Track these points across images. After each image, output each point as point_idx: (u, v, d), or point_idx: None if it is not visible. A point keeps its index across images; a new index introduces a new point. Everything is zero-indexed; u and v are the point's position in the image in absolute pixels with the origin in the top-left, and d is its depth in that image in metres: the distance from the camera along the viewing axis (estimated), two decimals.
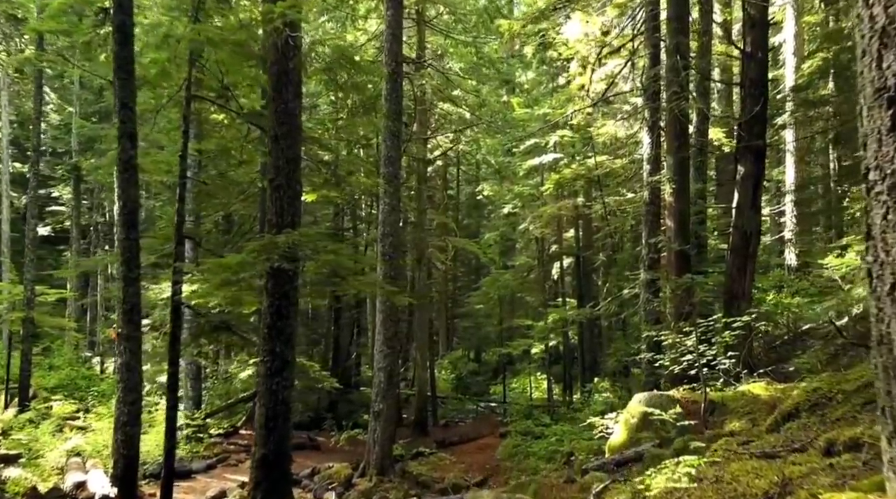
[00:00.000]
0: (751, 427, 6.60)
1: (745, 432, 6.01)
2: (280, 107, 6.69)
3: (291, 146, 6.76)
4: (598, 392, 20.95)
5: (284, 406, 6.45)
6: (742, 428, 6.75)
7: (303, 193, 9.79)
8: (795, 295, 19.65)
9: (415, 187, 20.44)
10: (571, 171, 19.31)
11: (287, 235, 6.18)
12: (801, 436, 4.47)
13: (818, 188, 22.34)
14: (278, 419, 6.39)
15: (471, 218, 40.05)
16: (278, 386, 6.43)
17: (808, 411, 5.19)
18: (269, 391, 6.41)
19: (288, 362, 6.52)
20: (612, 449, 8.27)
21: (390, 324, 13.52)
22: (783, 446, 4.19)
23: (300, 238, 6.20)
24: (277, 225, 6.53)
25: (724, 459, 4.12)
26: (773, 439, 4.59)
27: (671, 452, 6.55)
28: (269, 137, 6.73)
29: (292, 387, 6.64)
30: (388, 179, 13.64)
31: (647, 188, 12.84)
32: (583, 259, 22.85)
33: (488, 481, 14.75)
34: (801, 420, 5.02)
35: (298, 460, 15.86)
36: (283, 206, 6.63)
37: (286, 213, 6.62)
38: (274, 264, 6.33)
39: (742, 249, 11.42)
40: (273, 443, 6.30)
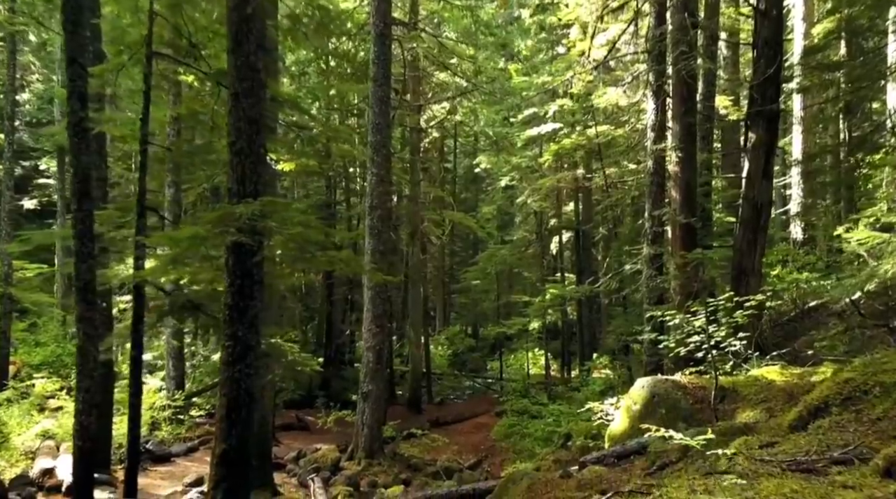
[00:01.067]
0: (767, 419, 5.93)
1: (763, 428, 5.35)
2: (240, 60, 5.90)
3: (254, 105, 5.99)
4: (597, 369, 20.40)
5: (248, 396, 5.78)
6: (757, 419, 6.09)
7: (270, 157, 9.05)
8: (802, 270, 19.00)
9: (408, 159, 19.64)
10: (571, 141, 18.50)
11: (246, 204, 5.45)
12: (837, 439, 3.79)
13: (827, 159, 21.50)
14: (241, 411, 5.72)
15: (468, 192, 39.25)
16: (241, 374, 5.76)
17: (839, 405, 4.52)
18: (230, 380, 5.74)
19: (251, 348, 5.83)
20: (613, 438, 7.63)
21: (379, 301, 12.86)
22: (818, 453, 3.52)
23: (262, 208, 5.47)
24: (238, 194, 5.80)
25: (752, 472, 3.44)
26: (802, 441, 3.91)
27: (679, 447, 5.90)
28: (229, 95, 5.97)
29: (257, 374, 5.95)
30: (376, 147, 12.87)
31: (650, 157, 12.06)
32: (582, 233, 22.12)
33: (482, 463, 14.22)
34: (833, 417, 4.34)
35: (286, 441, 15.34)
36: (245, 172, 5.89)
37: (248, 180, 5.88)
38: (233, 239, 5.61)
39: (752, 222, 10.68)
40: (235, 437, 5.64)
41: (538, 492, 6.19)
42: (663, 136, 11.94)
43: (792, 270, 19.09)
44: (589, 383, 16.58)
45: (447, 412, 18.74)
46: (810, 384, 6.51)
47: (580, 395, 15.81)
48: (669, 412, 7.11)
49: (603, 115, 20.02)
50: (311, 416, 18.25)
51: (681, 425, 6.96)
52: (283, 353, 8.38)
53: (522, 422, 16.15)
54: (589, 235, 22.61)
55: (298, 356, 8.79)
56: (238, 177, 5.93)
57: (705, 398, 7.13)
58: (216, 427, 5.81)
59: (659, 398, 7.28)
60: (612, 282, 13.34)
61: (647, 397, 7.38)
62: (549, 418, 15.50)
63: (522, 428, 15.54)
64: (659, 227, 11.72)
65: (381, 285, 12.76)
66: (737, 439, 4.40)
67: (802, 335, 12.58)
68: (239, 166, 5.95)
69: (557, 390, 18.03)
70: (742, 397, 6.94)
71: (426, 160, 28.53)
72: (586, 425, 11.92)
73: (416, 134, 19.26)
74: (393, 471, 12.39)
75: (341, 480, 11.30)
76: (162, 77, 9.35)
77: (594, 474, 6.23)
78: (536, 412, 16.71)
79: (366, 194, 13.29)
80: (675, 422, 7.03)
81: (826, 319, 13.14)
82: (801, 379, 6.88)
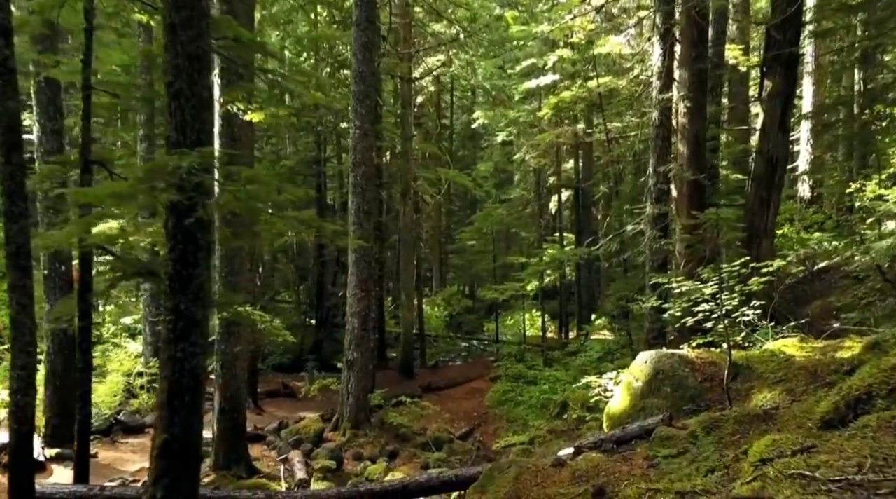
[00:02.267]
0: (790, 404, 5.18)
1: (788, 418, 4.59)
2: None
3: (195, 39, 5.07)
4: (596, 331, 19.75)
5: (193, 379, 5.01)
6: (776, 402, 5.35)
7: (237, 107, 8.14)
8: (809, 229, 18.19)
9: (399, 112, 18.60)
10: (571, 93, 17.44)
11: (181, 155, 4.58)
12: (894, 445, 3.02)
13: (840, 113, 20.43)
14: (185, 396, 4.96)
15: (466, 149, 38.14)
16: (184, 353, 4.98)
17: (886, 398, 3.75)
18: (172, 360, 4.97)
19: (197, 323, 5.04)
20: (612, 418, 6.92)
21: (364, 265, 12.07)
22: (875, 469, 2.74)
23: (201, 161, 4.61)
24: (178, 144, 4.92)
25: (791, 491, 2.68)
26: (848, 446, 3.14)
27: (687, 435, 5.17)
28: (164, 27, 5.04)
29: (204, 354, 5.18)
30: (360, 98, 11.90)
31: (656, 108, 11.09)
32: (582, 191, 21.22)
33: (474, 432, 13.62)
34: (880, 413, 3.58)
35: (270, 409, 14.74)
36: (186, 118, 5.00)
37: (189, 128, 4.99)
38: (168, 197, 4.76)
39: (766, 179, 9.83)
40: (179, 425, 4.90)
41: (527, 483, 5.48)
42: (670, 84, 10.96)
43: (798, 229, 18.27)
44: (587, 348, 15.90)
45: (440, 377, 18.13)
46: (836, 361, 5.76)
47: (577, 361, 15.17)
48: (675, 391, 6.38)
49: (604, 67, 18.93)
50: (301, 381, 17.66)
51: (688, 406, 6.25)
52: (253, 322, 7.62)
53: (517, 388, 15.53)
54: (589, 194, 21.73)
55: (270, 325, 8.04)
56: (178, 124, 5.04)
57: (715, 376, 6.39)
58: (156, 415, 5.06)
59: (664, 375, 6.55)
60: (612, 244, 12.51)
61: (651, 374, 6.64)
62: (545, 384, 14.88)
63: (517, 395, 14.94)
64: (664, 184, 10.83)
65: (365, 248, 11.96)
66: (761, 440, 3.63)
67: (813, 300, 11.83)
68: (178, 112, 5.05)
69: (554, 354, 17.37)
70: (757, 375, 6.19)
71: (421, 115, 27.45)
72: (583, 394, 11.28)
73: (408, 85, 18.18)
74: (379, 442, 11.79)
75: (323, 453, 10.68)
76: (113, 15, 8.36)
77: (590, 462, 5.51)
78: (532, 378, 16.09)
79: (349, 149, 12.36)
80: (682, 402, 6.32)
81: (838, 281, 12.35)
82: (823, 354, 6.12)
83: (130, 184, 4.54)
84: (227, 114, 8.99)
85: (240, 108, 8.68)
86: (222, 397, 9.28)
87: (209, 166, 4.86)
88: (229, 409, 9.26)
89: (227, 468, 9.07)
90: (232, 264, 9.23)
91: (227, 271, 9.18)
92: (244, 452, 9.43)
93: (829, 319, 10.00)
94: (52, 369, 10.01)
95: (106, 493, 6.37)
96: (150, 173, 4.65)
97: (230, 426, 9.28)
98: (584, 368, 14.54)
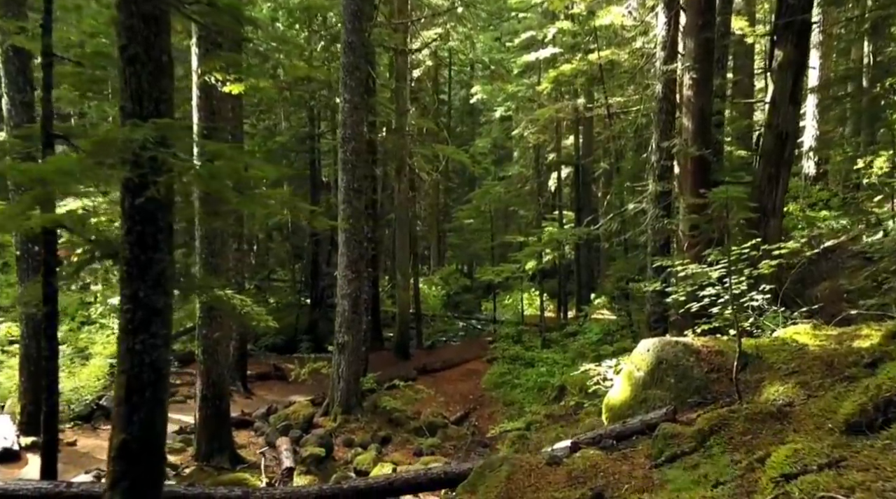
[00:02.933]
0: (805, 399, 4.76)
1: (805, 417, 4.18)
2: None
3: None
4: (595, 310, 19.35)
5: (154, 373, 4.59)
6: (790, 397, 4.92)
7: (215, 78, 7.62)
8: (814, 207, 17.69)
9: (394, 86, 17.99)
10: (571, 67, 16.82)
11: (135, 127, 4.11)
12: None
13: (848, 86, 19.80)
14: (145, 392, 4.54)
15: (464, 125, 37.47)
16: (144, 345, 4.55)
17: None
18: (130, 353, 4.54)
19: (157, 312, 4.60)
20: (612, 409, 6.51)
21: (354, 245, 11.62)
22: None
23: (157, 133, 4.13)
24: (133, 115, 4.43)
25: None
26: (885, 462, 2.71)
27: (693, 433, 4.75)
28: None
29: (168, 346, 4.75)
30: (349, 70, 11.34)
31: (659, 80, 10.55)
32: (582, 168, 20.67)
33: (469, 416, 13.27)
34: None
35: (260, 393, 14.38)
36: (142, 86, 4.51)
37: (147, 97, 4.51)
38: (122, 173, 4.29)
39: (776, 154, 9.33)
40: (138, 425, 4.49)
41: (520, 484, 5.08)
42: (675, 55, 10.41)
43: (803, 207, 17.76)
44: (586, 330, 15.49)
45: (436, 358, 17.76)
46: (854, 352, 5.33)
47: (576, 344, 14.78)
48: (679, 382, 5.96)
49: (605, 40, 18.28)
50: (293, 363, 17.30)
51: (693, 399, 5.83)
52: (232, 307, 7.18)
53: (514, 370, 15.17)
54: (589, 171, 21.19)
55: (252, 309, 7.60)
56: (133, 92, 4.56)
57: (722, 366, 5.97)
58: (114, 412, 4.64)
59: (667, 364, 6.13)
60: (612, 223, 12.04)
61: (653, 363, 6.22)
62: (542, 367, 14.51)
63: (514, 377, 14.57)
64: (667, 161, 10.34)
65: (356, 227, 11.50)
66: (781, 450, 3.21)
67: (821, 281, 11.38)
68: (133, 79, 4.56)
69: (552, 335, 16.98)
70: (768, 366, 5.76)
71: (418, 90, 26.76)
72: (581, 378, 10.89)
73: (402, 57, 17.55)
74: (371, 428, 11.44)
75: (313, 440, 10.31)
76: None
77: (588, 461, 5.11)
78: (529, 359, 15.72)
79: (339, 124, 11.83)
80: (686, 394, 5.90)
81: (847, 262, 11.90)
82: (839, 343, 5.69)
83: (78, 159, 4.07)
84: (206, 85, 8.47)
85: (218, 79, 8.16)
86: (204, 384, 8.88)
87: (166, 140, 4.38)
88: (212, 396, 8.87)
89: (209, 458, 8.71)
90: (212, 245, 8.77)
91: (207, 253, 8.73)
92: (228, 440, 9.06)
93: (840, 303, 9.56)
94: (26, 354, 9.60)
95: (73, 490, 5.98)
96: (99, 147, 4.18)
97: (213, 414, 8.90)
98: (582, 350, 14.16)
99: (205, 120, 8.56)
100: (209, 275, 8.56)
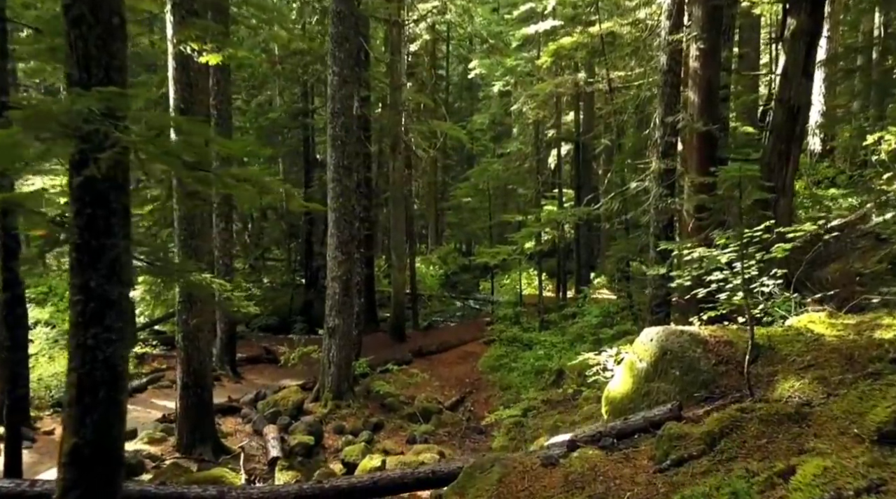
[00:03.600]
0: (825, 398, 4.34)
1: (826, 420, 3.76)
2: None
3: None
4: (595, 289, 18.95)
5: (109, 371, 4.17)
6: (808, 395, 4.51)
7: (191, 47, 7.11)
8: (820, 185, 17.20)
9: (387, 59, 17.39)
10: (572, 40, 16.22)
11: (75, 97, 3.63)
12: None
13: (857, 60, 19.17)
14: (98, 391, 4.12)
15: (463, 100, 36.84)
16: (97, 340, 4.12)
17: None
18: (82, 349, 4.12)
19: (112, 303, 4.17)
20: (612, 403, 6.11)
21: (344, 225, 11.16)
22: None
23: (105, 104, 3.65)
24: (81, 83, 3.94)
25: None
26: None
27: (701, 435, 4.34)
28: None
29: (125, 340, 4.32)
30: (338, 41, 10.79)
31: (665, 51, 9.99)
32: (583, 145, 20.12)
33: (465, 401, 12.91)
34: None
35: (250, 377, 14.02)
36: (90, 51, 4.03)
37: (95, 63, 4.03)
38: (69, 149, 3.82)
39: (787, 129, 8.84)
40: (91, 428, 4.07)
41: (512, 487, 4.69)
42: (681, 25, 9.86)
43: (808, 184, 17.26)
44: (585, 312, 15.09)
45: (432, 340, 17.40)
46: (875, 344, 4.91)
47: (574, 327, 14.38)
48: (685, 375, 5.55)
49: (607, 12, 17.65)
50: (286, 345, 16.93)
51: (700, 393, 5.42)
52: (211, 292, 6.76)
53: (512, 353, 14.81)
54: (589, 148, 20.65)
55: (232, 295, 7.17)
56: (80, 58, 4.06)
57: (731, 358, 5.54)
58: (64, 414, 4.22)
59: (672, 356, 5.70)
60: (613, 202, 11.55)
61: (657, 354, 5.80)
62: (540, 349, 14.14)
63: (511, 360, 14.22)
64: (672, 136, 9.83)
65: (346, 206, 11.03)
66: (807, 467, 2.79)
67: (829, 262, 10.93)
68: (80, 43, 4.07)
69: (551, 316, 16.59)
70: (780, 358, 5.34)
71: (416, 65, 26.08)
72: (580, 365, 10.51)
73: (397, 29, 16.93)
74: (363, 414, 11.08)
75: (302, 427, 9.95)
76: None
77: (587, 463, 4.71)
78: (527, 341, 15.36)
79: (328, 99, 11.30)
80: (692, 388, 5.49)
81: (856, 242, 11.45)
82: (858, 334, 5.26)
83: (12, 132, 3.62)
84: (182, 56, 7.94)
85: (194, 48, 7.65)
86: (184, 372, 8.48)
87: (115, 111, 3.90)
88: (193, 384, 8.47)
89: (192, 449, 8.35)
90: (192, 227, 8.31)
91: (185, 235, 8.27)
92: (211, 430, 8.68)
93: (852, 286, 9.11)
94: None
95: (37, 489, 5.60)
96: (35, 119, 3.70)
97: (194, 403, 8.51)
98: (581, 333, 13.77)
99: (181, 93, 8.05)
100: (188, 258, 8.12)
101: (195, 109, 8.13)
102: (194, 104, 8.16)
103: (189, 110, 8.11)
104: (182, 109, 8.04)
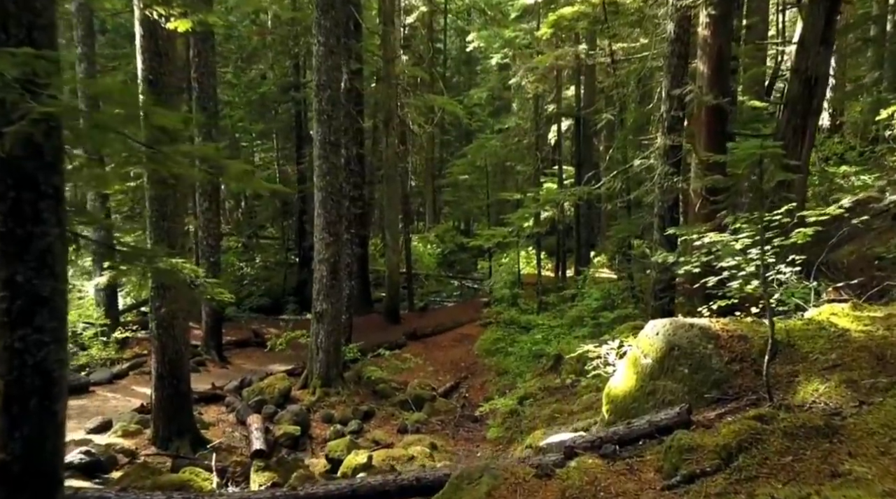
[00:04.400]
0: (857, 406, 3.83)
1: (860, 437, 3.24)
2: None
3: None
4: (595, 268, 18.44)
5: (41, 377, 3.67)
6: (835, 400, 4.00)
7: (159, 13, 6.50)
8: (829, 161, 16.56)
9: (380, 30, 16.67)
10: (572, 10, 15.48)
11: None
12: None
13: (870, 30, 18.44)
14: (29, 401, 3.63)
15: (461, 75, 35.95)
16: (26, 343, 3.62)
17: None
18: (9, 352, 3.62)
19: (43, 300, 3.66)
20: (614, 401, 5.61)
21: (332, 204, 10.62)
22: None
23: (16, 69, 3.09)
24: None
25: None
26: None
27: (716, 448, 3.83)
28: None
29: (61, 342, 3.80)
30: (324, 9, 10.14)
31: (672, 19, 9.34)
32: (584, 120, 19.44)
33: (459, 387, 12.45)
34: None
35: (237, 361, 13.55)
36: (8, 8, 3.51)
37: (14, 22, 3.49)
38: None
39: (803, 102, 8.23)
40: (21, 442, 3.59)
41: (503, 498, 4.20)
42: None
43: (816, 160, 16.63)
44: (585, 294, 14.57)
45: (428, 322, 16.93)
46: None
47: (574, 310, 13.88)
48: (694, 373, 5.03)
49: None
50: (278, 326, 16.49)
51: (711, 394, 4.92)
52: (182, 279, 6.23)
53: (509, 336, 14.34)
54: (590, 123, 19.97)
55: (205, 282, 6.65)
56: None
57: (746, 355, 5.02)
58: None
59: (680, 351, 5.19)
60: (616, 181, 10.96)
61: (664, 349, 5.28)
62: (538, 333, 13.65)
63: (508, 344, 13.74)
64: (679, 111, 9.22)
65: (332, 185, 10.46)
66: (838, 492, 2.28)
67: (843, 244, 10.39)
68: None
69: (549, 298, 16.10)
70: (802, 356, 4.82)
71: (412, 38, 25.27)
72: (580, 356, 10.01)
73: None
74: (353, 401, 10.63)
75: (288, 416, 9.50)
76: None
77: (585, 475, 4.22)
78: (525, 324, 14.88)
79: (314, 70, 10.67)
80: (703, 387, 4.98)
81: (871, 221, 10.86)
82: (888, 329, 4.74)
83: None
84: (149, 22, 7.31)
85: (161, 14, 7.02)
86: (159, 362, 7.98)
87: (41, 77, 3.33)
88: (168, 375, 7.98)
89: (167, 443, 7.88)
90: (164, 208, 7.74)
91: (157, 216, 7.71)
92: (189, 422, 8.21)
93: (870, 270, 8.60)
94: None
95: None
96: None
97: (171, 395, 8.02)
98: (580, 316, 13.27)
99: (149, 63, 7.43)
100: (160, 241, 7.58)
101: (165, 80, 7.53)
102: (164, 75, 7.55)
103: (158, 82, 7.52)
104: (151, 81, 7.44)
